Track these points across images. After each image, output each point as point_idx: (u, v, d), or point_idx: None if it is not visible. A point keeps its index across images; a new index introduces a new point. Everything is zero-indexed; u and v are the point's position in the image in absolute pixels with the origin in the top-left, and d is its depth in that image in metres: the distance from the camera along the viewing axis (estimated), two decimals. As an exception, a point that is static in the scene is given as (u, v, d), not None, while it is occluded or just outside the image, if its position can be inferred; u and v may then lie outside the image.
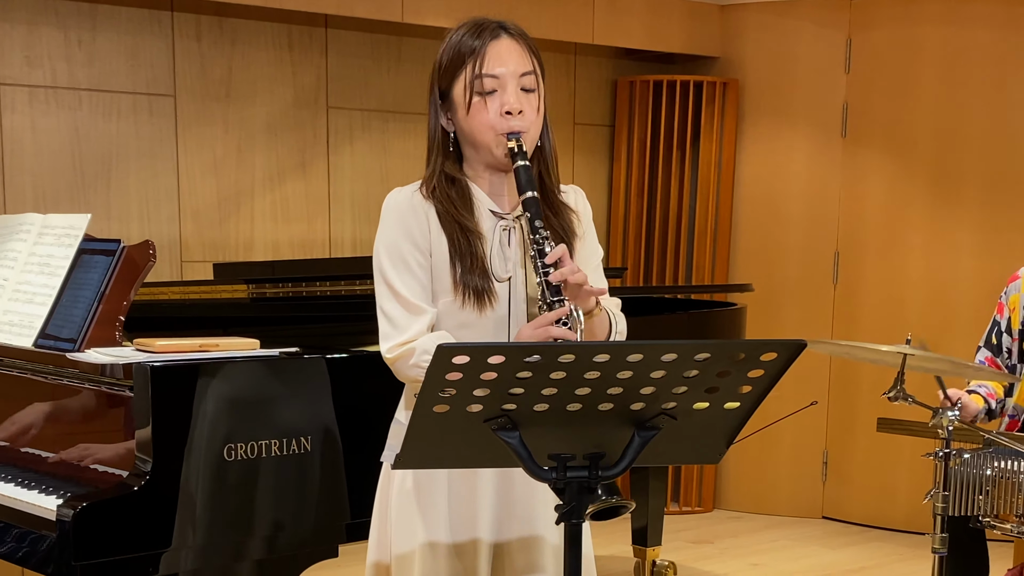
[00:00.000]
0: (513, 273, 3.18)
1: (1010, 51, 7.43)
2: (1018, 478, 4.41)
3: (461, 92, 3.13)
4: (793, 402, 6.78)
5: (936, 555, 4.43)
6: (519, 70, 3.14)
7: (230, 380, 3.60)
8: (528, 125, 3.13)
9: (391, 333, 3.11)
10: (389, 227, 3.16)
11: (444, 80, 3.18)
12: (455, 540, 3.23)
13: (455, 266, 3.11)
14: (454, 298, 3.13)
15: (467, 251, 3.11)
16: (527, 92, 3.15)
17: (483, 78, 3.10)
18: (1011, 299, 5.05)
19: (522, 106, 3.11)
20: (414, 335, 3.08)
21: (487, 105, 3.11)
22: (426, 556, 3.21)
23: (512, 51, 3.17)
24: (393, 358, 3.11)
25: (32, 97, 6.21)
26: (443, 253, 3.13)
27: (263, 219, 6.94)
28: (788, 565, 7.20)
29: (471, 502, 3.23)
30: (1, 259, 4.24)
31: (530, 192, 3.07)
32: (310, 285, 4.89)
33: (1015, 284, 5.07)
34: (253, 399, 3.64)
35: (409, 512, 3.24)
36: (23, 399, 3.93)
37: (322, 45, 7.07)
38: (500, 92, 3.12)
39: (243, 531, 3.64)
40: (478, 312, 3.13)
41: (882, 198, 7.87)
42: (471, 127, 3.14)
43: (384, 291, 3.15)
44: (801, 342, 2.61)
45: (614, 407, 2.63)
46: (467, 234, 3.12)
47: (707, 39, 8.27)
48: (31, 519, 3.47)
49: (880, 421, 4.71)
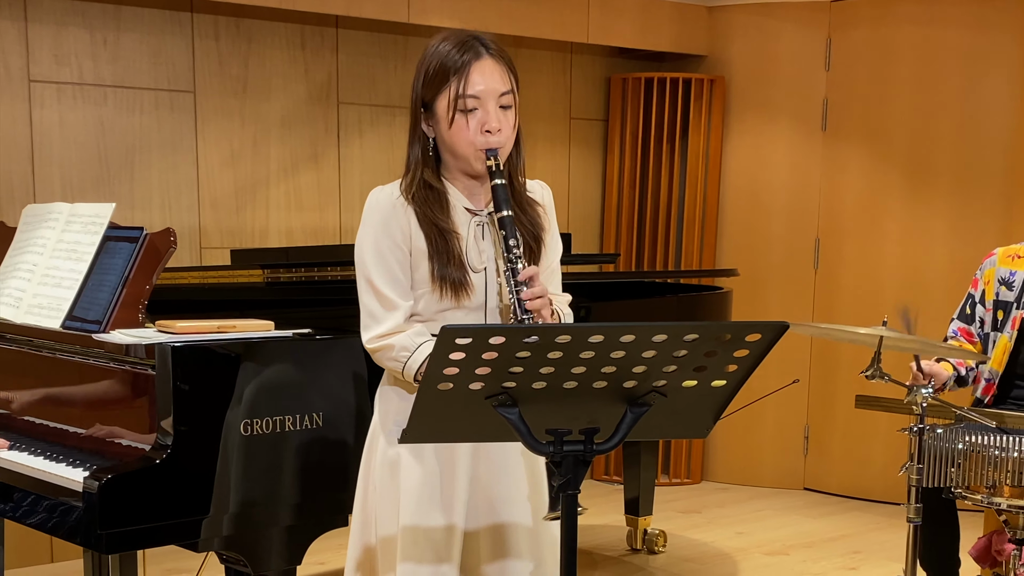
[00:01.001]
0: (488, 264, 3.25)
1: (979, 51, 7.42)
2: (988, 451, 4.41)
3: (444, 107, 3.19)
4: (776, 380, 6.78)
5: (911, 524, 4.44)
6: (499, 90, 3.20)
7: (247, 360, 3.60)
8: (504, 141, 3.20)
9: (370, 325, 3.19)
10: (371, 226, 3.23)
11: (428, 92, 3.24)
12: (431, 524, 3.24)
13: (433, 262, 3.18)
14: (432, 290, 3.19)
15: (444, 249, 3.19)
16: (505, 109, 3.21)
17: (466, 98, 3.16)
18: (986, 273, 5.09)
19: (500, 125, 3.18)
20: (391, 328, 3.16)
21: (468, 122, 3.17)
22: (405, 539, 3.23)
23: (493, 72, 3.20)
24: (373, 348, 3.20)
25: (60, 93, 6.20)
26: (422, 250, 3.19)
27: (277, 208, 6.94)
28: (771, 534, 7.20)
29: (448, 487, 3.25)
30: (31, 245, 4.24)
31: (506, 211, 3.14)
32: (322, 270, 4.88)
33: (990, 260, 5.11)
34: (268, 378, 3.64)
35: (389, 495, 3.27)
36: (51, 377, 3.93)
37: (333, 44, 7.06)
38: (480, 111, 3.18)
39: (266, 500, 3.64)
40: (456, 301, 3.20)
41: (860, 188, 7.87)
42: (452, 141, 3.20)
43: (364, 286, 3.22)
44: (784, 324, 2.62)
45: (608, 385, 2.63)
46: (444, 235, 3.19)
47: (695, 39, 8.26)
48: (59, 490, 3.47)
49: (858, 398, 4.72)
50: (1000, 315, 5.03)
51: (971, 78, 7.45)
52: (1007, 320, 5.01)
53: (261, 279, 4.86)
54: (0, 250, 4.41)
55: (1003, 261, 5.09)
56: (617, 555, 6.67)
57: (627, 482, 6.63)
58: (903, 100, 7.66)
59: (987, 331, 5.06)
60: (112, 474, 3.33)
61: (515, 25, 7.34)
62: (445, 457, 3.24)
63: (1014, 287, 5.01)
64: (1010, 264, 5.06)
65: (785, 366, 7.87)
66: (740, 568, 6.50)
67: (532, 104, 7.90)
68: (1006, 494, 4.46)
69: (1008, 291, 5.02)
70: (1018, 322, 4.97)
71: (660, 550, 6.70)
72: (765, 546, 6.93)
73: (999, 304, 5.04)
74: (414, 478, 3.23)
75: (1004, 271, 5.06)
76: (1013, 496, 4.45)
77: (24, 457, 3.69)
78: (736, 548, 6.87)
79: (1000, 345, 5.00)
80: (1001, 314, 5.03)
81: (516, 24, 7.35)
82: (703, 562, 6.59)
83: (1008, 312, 5.00)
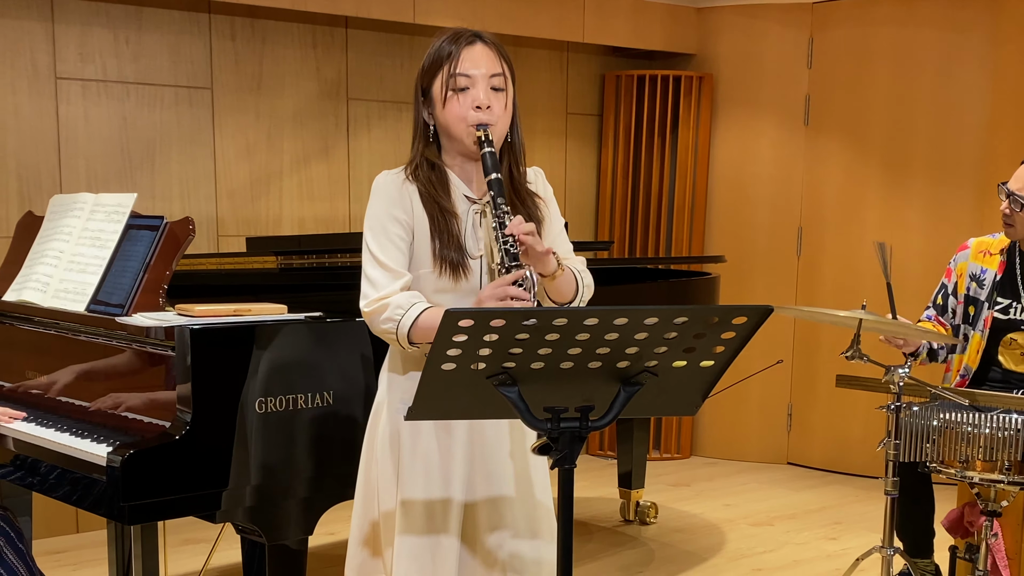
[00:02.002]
0: (484, 252, 3.24)
1: (953, 49, 7.41)
2: (961, 428, 4.41)
3: (439, 89, 3.21)
4: (761, 361, 6.78)
5: (888, 496, 4.44)
6: (489, 71, 3.20)
7: (261, 341, 3.60)
8: (495, 119, 3.19)
9: (370, 292, 3.17)
10: (376, 205, 3.22)
11: (425, 79, 3.26)
12: (429, 497, 3.25)
13: (434, 241, 3.18)
14: (432, 268, 3.19)
15: (444, 229, 3.18)
16: (496, 91, 3.21)
17: (456, 76, 3.17)
18: (959, 266, 5.08)
19: (490, 102, 3.18)
20: (389, 293, 3.14)
21: (460, 100, 3.17)
22: (404, 513, 3.24)
23: (484, 55, 3.21)
24: (370, 312, 3.16)
25: (85, 90, 6.19)
26: (424, 229, 3.20)
27: (290, 198, 6.93)
28: (756, 505, 7.20)
29: (446, 462, 3.25)
30: (58, 233, 4.24)
31: (494, 174, 3.13)
32: (332, 257, 4.87)
33: (963, 253, 5.10)
34: (282, 358, 3.64)
35: (390, 470, 3.28)
36: (76, 358, 3.93)
37: (343, 43, 7.04)
38: (472, 89, 3.18)
39: (280, 474, 3.64)
40: (453, 282, 3.20)
41: (840, 180, 7.86)
42: (446, 119, 3.20)
43: (368, 258, 3.20)
44: (768, 308, 2.61)
45: (602, 365, 2.63)
46: (445, 214, 3.20)
47: (685, 38, 8.24)
48: (84, 465, 3.47)
49: (838, 378, 4.71)
50: (971, 311, 5.02)
51: (945, 76, 7.45)
52: (979, 318, 5.00)
53: (275, 265, 4.85)
54: (29, 238, 4.42)
55: (975, 256, 5.06)
56: (611, 526, 6.67)
57: (620, 457, 6.63)
58: (881, 96, 7.66)
59: (957, 322, 5.06)
60: (134, 449, 3.33)
61: (514, 25, 7.33)
62: (443, 433, 3.24)
63: (984, 284, 4.99)
64: (981, 261, 5.04)
65: (769, 347, 7.88)
66: (727, 538, 6.50)
67: (530, 100, 7.91)
68: (978, 468, 4.46)
69: (979, 288, 5.01)
70: (990, 321, 4.97)
71: (652, 521, 6.70)
72: (751, 517, 6.93)
73: (970, 300, 5.03)
74: (413, 454, 3.24)
75: (975, 267, 5.04)
76: (984, 470, 4.45)
77: (51, 433, 3.69)
78: (723, 519, 6.87)
79: (973, 343, 5.00)
80: (972, 309, 5.02)
81: (515, 24, 7.34)
82: (692, 532, 6.59)
83: (979, 310, 4.99)
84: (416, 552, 3.25)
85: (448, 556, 3.25)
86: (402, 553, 3.24)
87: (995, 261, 4.99)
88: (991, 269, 4.99)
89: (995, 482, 4.45)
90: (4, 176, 6.01)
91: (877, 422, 7.67)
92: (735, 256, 8.00)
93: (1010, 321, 4.93)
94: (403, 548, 3.24)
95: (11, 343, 4.23)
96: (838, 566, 5.92)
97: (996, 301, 4.95)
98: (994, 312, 4.94)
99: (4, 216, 5.99)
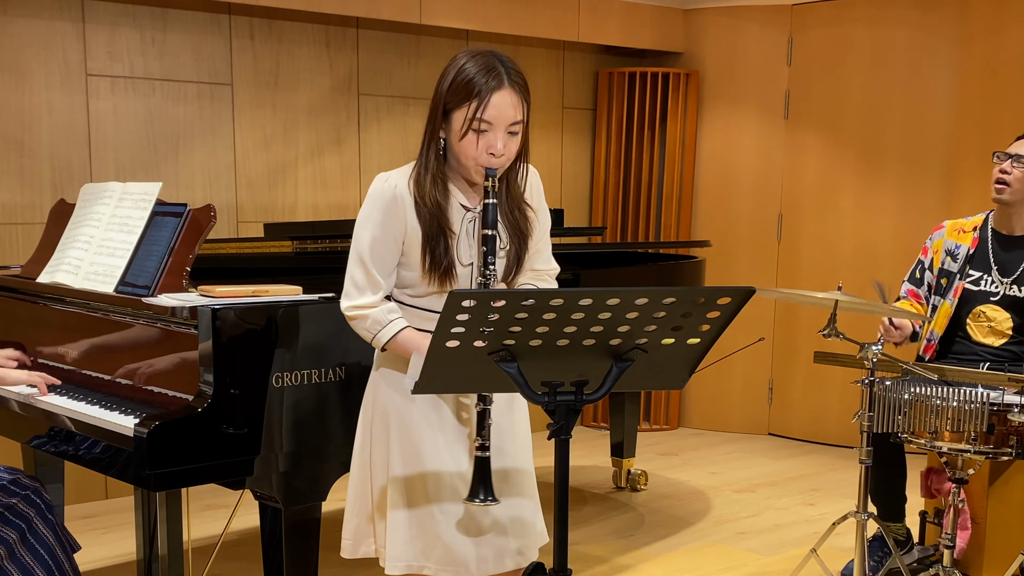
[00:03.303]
0: (475, 259, 3.22)
1: (924, 48, 7.39)
2: (930, 401, 4.41)
3: (460, 121, 3.12)
4: (744, 338, 6.78)
5: (863, 465, 4.44)
6: (510, 119, 3.14)
7: (278, 320, 3.59)
8: (504, 164, 3.17)
9: (352, 294, 3.19)
10: (371, 210, 3.19)
11: (450, 102, 3.14)
12: (420, 470, 3.26)
13: (426, 255, 3.16)
14: (422, 276, 3.19)
15: (438, 245, 3.15)
16: (512, 135, 3.16)
17: (480, 120, 3.10)
18: (935, 243, 5.12)
19: (505, 150, 3.14)
20: (369, 303, 3.17)
21: (477, 141, 3.11)
22: (395, 487, 3.26)
23: (509, 103, 3.14)
24: (350, 316, 3.20)
25: (114, 86, 6.17)
26: (416, 240, 3.17)
27: (305, 186, 6.92)
28: (739, 473, 7.20)
29: (433, 435, 3.26)
30: (88, 219, 4.23)
31: (490, 231, 3.14)
32: (344, 241, 4.85)
33: (939, 232, 5.14)
34: (297, 336, 3.63)
35: (381, 445, 3.30)
36: (106, 336, 3.92)
37: (354, 42, 7.02)
38: (490, 133, 3.12)
39: (295, 444, 3.62)
40: (440, 288, 3.19)
41: (817, 169, 7.85)
42: (460, 151, 3.15)
43: (355, 257, 3.19)
44: (750, 289, 2.61)
45: (596, 342, 2.62)
46: (443, 233, 3.16)
47: (672, 38, 8.22)
48: (113, 435, 3.47)
49: (816, 354, 4.70)
50: (944, 282, 5.04)
51: (915, 73, 7.43)
52: (950, 288, 5.01)
53: (290, 249, 4.84)
54: (61, 224, 4.41)
55: (951, 234, 5.10)
56: (604, 493, 6.67)
57: (613, 428, 6.62)
58: (856, 92, 7.64)
59: (932, 294, 5.08)
60: (159, 421, 3.32)
61: (515, 26, 7.31)
62: (429, 409, 3.25)
63: (958, 258, 5.02)
64: (956, 237, 5.07)
65: (752, 326, 7.88)
66: (712, 504, 6.50)
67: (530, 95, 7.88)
68: (946, 439, 4.46)
69: (953, 262, 5.03)
70: (960, 291, 4.98)
71: (642, 488, 6.70)
72: (734, 484, 6.93)
73: (943, 272, 5.05)
74: (402, 429, 3.25)
75: (951, 243, 5.07)
76: (952, 440, 4.45)
77: (82, 406, 3.68)
78: (709, 486, 6.87)
79: (942, 310, 5.01)
80: (945, 281, 5.04)
81: (515, 25, 7.32)
82: (680, 498, 6.59)
83: (951, 281, 5.01)
84: (407, 525, 3.26)
85: (438, 526, 3.26)
86: (395, 526, 3.26)
87: (968, 238, 5.03)
88: (964, 245, 5.02)
89: (962, 451, 4.45)
90: (38, 166, 6.00)
91: (852, 396, 7.67)
92: (719, 241, 8.01)
93: (979, 292, 4.95)
94: (395, 522, 3.26)
95: (45, 322, 4.22)
96: (816, 530, 5.92)
97: (968, 273, 4.98)
98: (965, 283, 4.97)
99: (38, 203, 5.98)
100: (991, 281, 4.96)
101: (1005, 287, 4.93)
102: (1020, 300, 4.91)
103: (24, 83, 5.93)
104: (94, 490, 6.29)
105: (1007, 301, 4.93)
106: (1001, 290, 4.93)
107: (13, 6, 5.85)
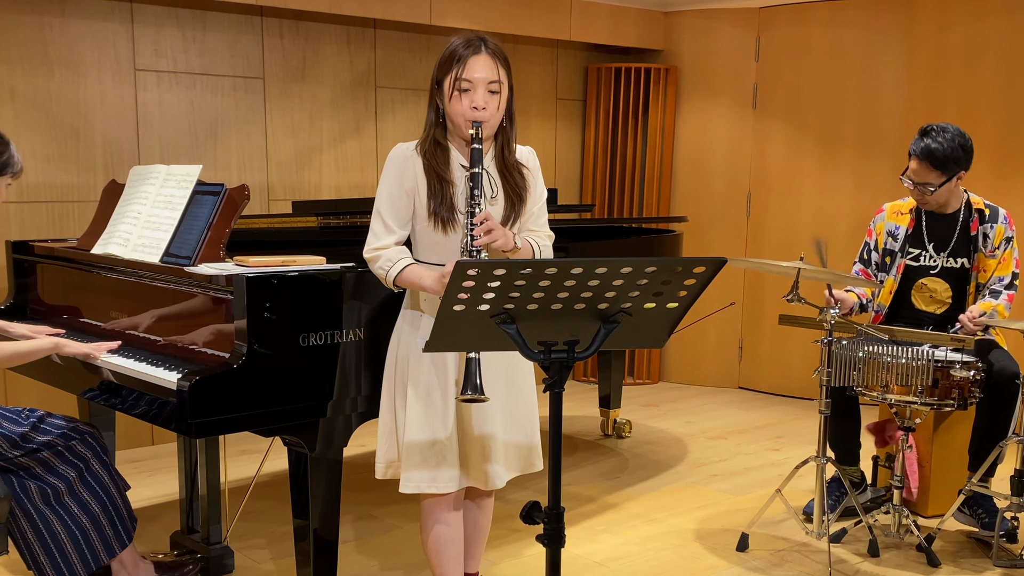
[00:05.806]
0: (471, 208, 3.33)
1: (876, 46, 7.36)
2: (882, 359, 4.42)
3: (448, 86, 3.32)
4: (717, 303, 6.77)
5: (822, 415, 4.44)
6: (488, 79, 3.29)
7: (305, 287, 3.58)
8: (488, 117, 3.30)
9: (372, 241, 3.37)
10: (388, 171, 3.41)
11: (440, 73, 3.36)
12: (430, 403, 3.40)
13: (431, 202, 3.32)
14: (427, 223, 3.33)
15: (440, 193, 3.32)
16: (492, 94, 3.30)
17: (461, 80, 3.28)
18: (877, 226, 5.09)
19: (486, 104, 3.28)
20: (384, 245, 3.35)
21: (462, 99, 3.29)
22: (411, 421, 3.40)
23: (486, 65, 3.30)
24: (368, 257, 3.38)
25: (159, 79, 6.15)
26: (423, 193, 3.33)
27: (329, 169, 6.90)
28: (713, 423, 7.20)
29: (443, 374, 3.39)
30: (136, 197, 4.22)
31: (476, 168, 3.26)
32: (363, 217, 4.83)
33: (880, 215, 5.12)
34: (321, 300, 3.62)
35: (401, 385, 3.45)
36: (152, 301, 3.91)
37: (372, 41, 6.99)
38: (472, 92, 3.28)
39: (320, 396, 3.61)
40: (444, 235, 3.32)
41: (782, 153, 7.82)
42: (451, 111, 3.33)
43: (375, 211, 3.39)
44: (723, 259, 2.62)
45: (586, 307, 2.62)
46: (442, 182, 3.33)
47: (654, 37, 8.19)
48: (158, 389, 3.46)
49: (781, 317, 4.70)
50: (888, 260, 5.04)
51: (868, 68, 7.40)
52: (893, 265, 5.02)
53: (316, 224, 4.82)
54: (112, 201, 4.40)
55: (891, 216, 5.08)
56: (592, 440, 6.67)
57: (601, 382, 6.62)
58: (816, 85, 7.61)
59: (877, 272, 5.07)
60: (199, 376, 3.31)
61: (514, 26, 7.28)
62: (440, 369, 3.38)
63: (898, 238, 5.01)
64: (896, 219, 5.06)
65: (724, 292, 7.87)
66: (689, 449, 6.50)
67: (526, 88, 7.88)
68: (896, 392, 4.46)
69: (894, 241, 5.03)
70: (902, 268, 4.98)
71: (626, 435, 6.70)
72: (708, 432, 6.92)
73: (886, 252, 5.04)
74: (417, 370, 3.39)
75: (891, 225, 5.06)
76: (901, 393, 4.45)
77: (130, 363, 3.67)
78: (686, 434, 6.87)
79: (887, 286, 5.02)
80: (888, 260, 5.04)
81: (515, 25, 7.29)
82: (660, 445, 6.59)
83: (894, 259, 5.01)
84: (420, 452, 3.40)
85: (449, 452, 3.42)
86: (409, 453, 3.40)
87: (906, 219, 5.02)
88: (902, 226, 5.01)
89: (909, 403, 4.45)
90: (92, 151, 5.97)
91: (813, 353, 7.66)
92: (695, 217, 8.00)
93: (919, 267, 4.96)
94: (409, 449, 3.40)
95: (98, 289, 4.21)
96: (780, 472, 5.92)
97: (908, 251, 4.98)
98: (906, 260, 4.97)
99: (92, 184, 5.96)
100: (929, 256, 4.96)
101: (942, 260, 4.93)
102: (956, 271, 4.91)
103: (80, 77, 5.90)
104: (141, 437, 6.29)
105: (945, 272, 4.92)
106: (939, 263, 4.93)
107: (71, 9, 5.82)
